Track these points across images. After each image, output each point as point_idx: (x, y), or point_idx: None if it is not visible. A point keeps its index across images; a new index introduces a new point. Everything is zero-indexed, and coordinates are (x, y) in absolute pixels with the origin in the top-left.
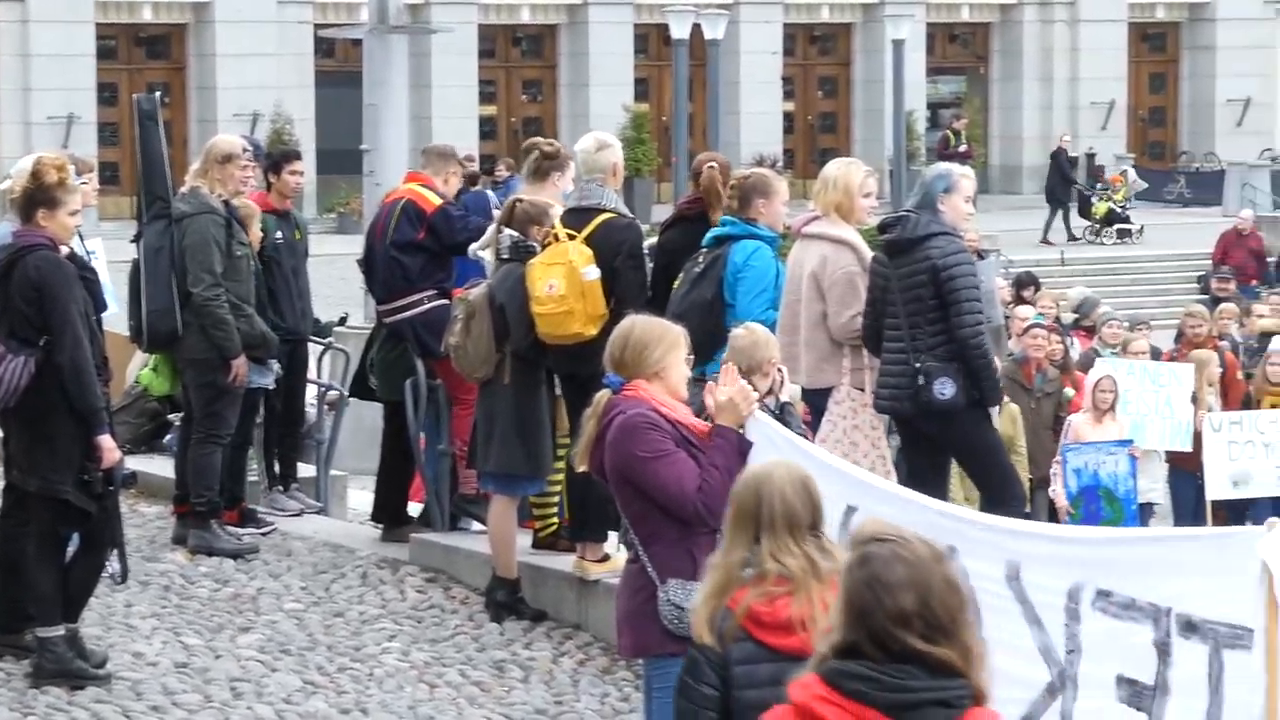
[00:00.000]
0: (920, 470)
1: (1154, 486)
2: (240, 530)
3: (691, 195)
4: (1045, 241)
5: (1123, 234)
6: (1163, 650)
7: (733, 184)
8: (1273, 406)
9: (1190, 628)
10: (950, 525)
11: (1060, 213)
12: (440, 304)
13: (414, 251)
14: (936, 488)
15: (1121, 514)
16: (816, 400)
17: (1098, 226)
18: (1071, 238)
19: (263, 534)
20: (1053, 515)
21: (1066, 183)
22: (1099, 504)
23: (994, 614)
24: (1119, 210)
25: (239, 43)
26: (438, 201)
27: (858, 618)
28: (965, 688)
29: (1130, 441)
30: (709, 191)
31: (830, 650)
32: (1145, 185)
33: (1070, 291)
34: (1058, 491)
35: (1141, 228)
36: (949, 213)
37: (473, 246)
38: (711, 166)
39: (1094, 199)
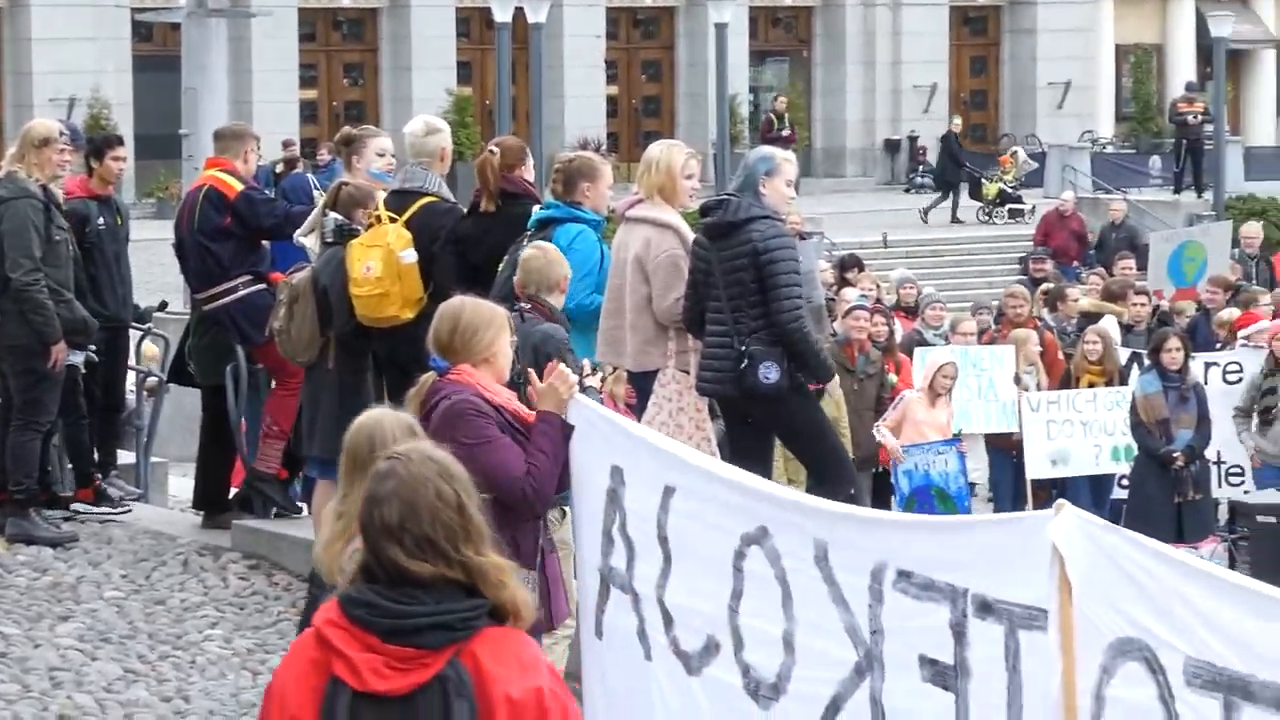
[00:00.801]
0: (745, 452)
1: (975, 467)
2: (96, 509)
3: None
4: (956, 220)
5: (1014, 213)
6: (958, 631)
7: (557, 167)
8: (1091, 386)
9: (986, 609)
10: (763, 507)
11: (951, 195)
12: (257, 289)
13: (222, 239)
14: (761, 470)
15: (955, 511)
16: (642, 383)
17: (989, 207)
18: (955, 220)
19: (118, 513)
20: (878, 496)
21: (957, 165)
22: (932, 503)
23: (804, 594)
24: (1010, 190)
25: (54, 26)
26: (239, 186)
27: (362, 535)
28: (476, 609)
29: (958, 439)
30: (480, 176)
31: (354, 572)
32: (1035, 165)
33: (892, 274)
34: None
35: (1033, 207)
36: (770, 196)
37: (297, 232)
38: (492, 151)
39: (985, 180)
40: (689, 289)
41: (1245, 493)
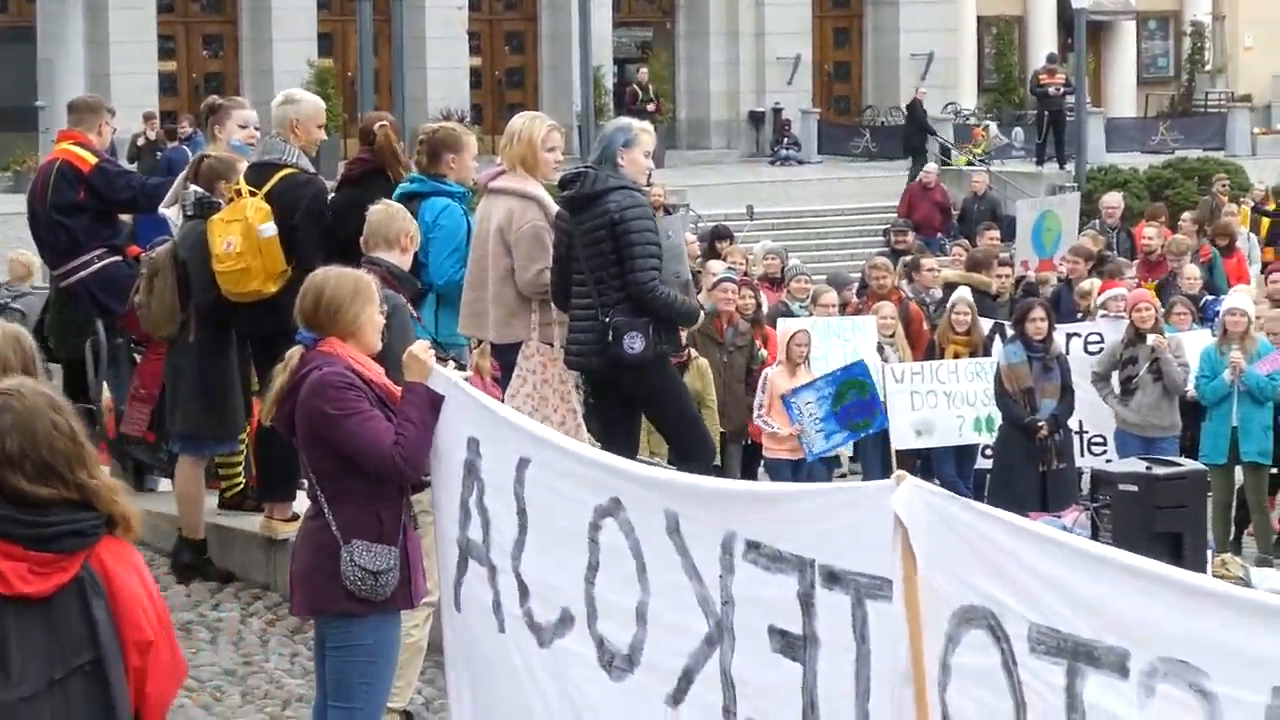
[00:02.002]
0: (611, 424)
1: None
2: None
3: (356, 156)
4: None
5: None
6: (806, 601)
7: (421, 139)
8: (956, 356)
9: (833, 579)
10: (616, 479)
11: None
12: (113, 261)
13: (77, 213)
14: (627, 441)
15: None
16: (506, 355)
17: None
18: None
19: None
20: (747, 469)
21: (924, 134)
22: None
23: (657, 565)
24: (977, 163)
25: None
26: (93, 160)
27: None
28: (98, 519)
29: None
30: (384, 150)
31: None
32: (1004, 140)
33: (757, 246)
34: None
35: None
36: (628, 167)
37: (161, 204)
38: (383, 125)
39: (954, 151)
40: (554, 263)
41: (1107, 461)
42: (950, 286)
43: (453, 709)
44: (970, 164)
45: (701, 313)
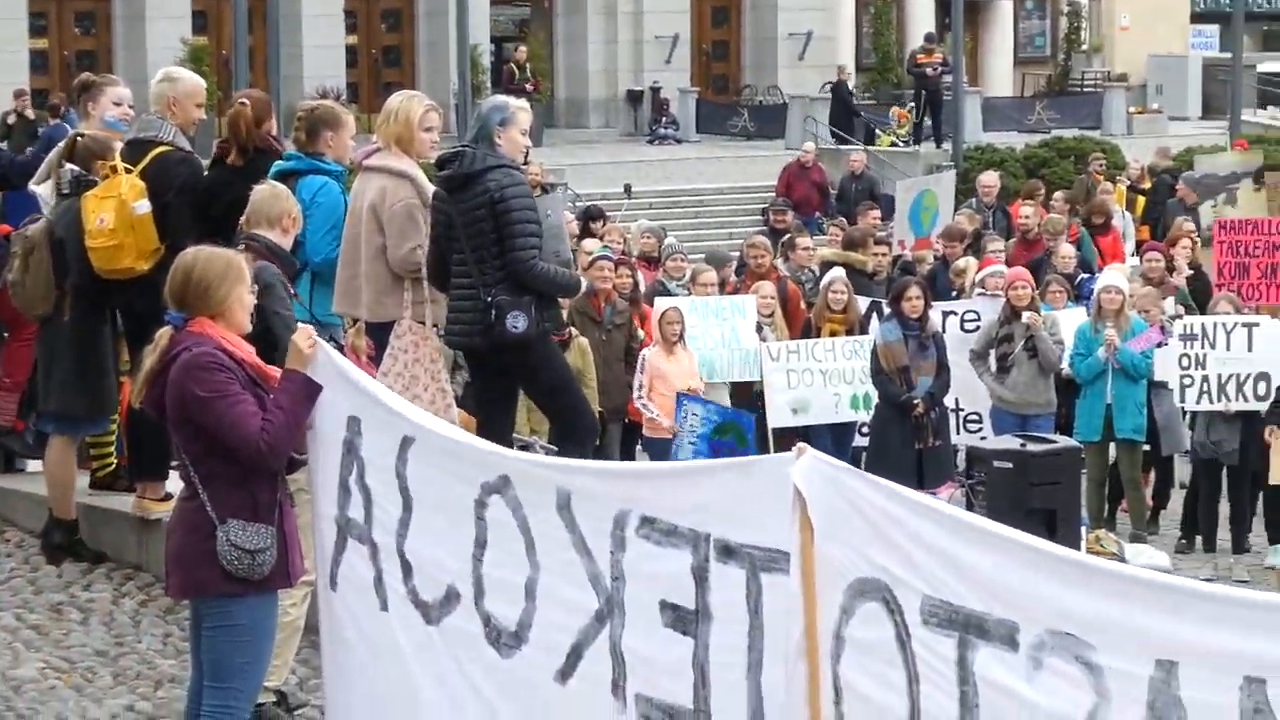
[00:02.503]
0: (490, 405)
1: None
2: None
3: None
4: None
5: None
6: (700, 575)
7: (299, 116)
8: (833, 334)
9: (728, 552)
10: (504, 459)
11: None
12: None
13: None
14: (504, 420)
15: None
16: (379, 334)
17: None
18: None
19: None
20: (626, 448)
21: (849, 114)
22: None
23: (547, 542)
24: (902, 144)
25: None
26: None
27: None
28: None
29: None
30: (232, 129)
31: None
32: (927, 122)
33: (634, 225)
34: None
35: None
36: (506, 146)
37: (32, 180)
38: (243, 103)
39: (879, 131)
40: (432, 243)
41: (982, 439)
42: (827, 265)
43: (327, 688)
44: (894, 145)
45: (583, 283)
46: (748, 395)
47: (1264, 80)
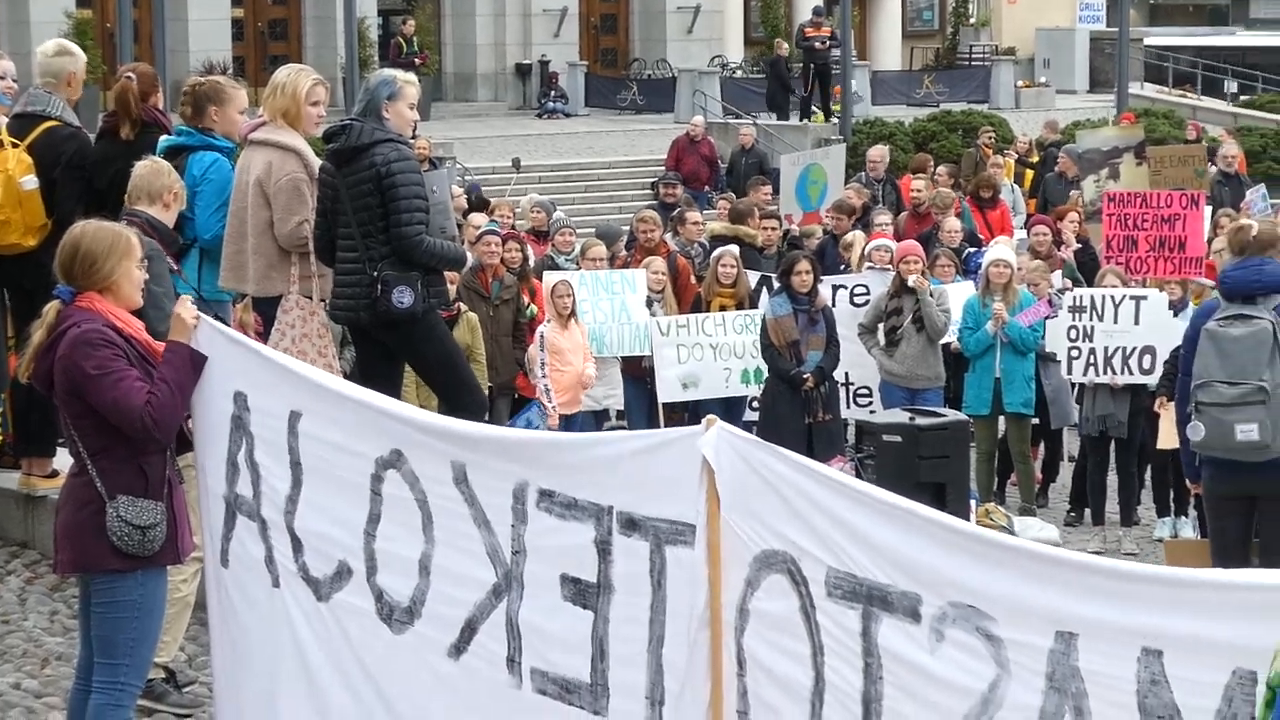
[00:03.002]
0: (376, 381)
1: (612, 393)
2: None
3: (114, 109)
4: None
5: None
6: (603, 549)
7: (186, 91)
8: (722, 309)
9: (631, 525)
10: (399, 430)
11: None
12: None
13: None
14: (390, 395)
15: None
16: (266, 309)
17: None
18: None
19: None
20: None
21: (786, 90)
22: None
23: (444, 516)
24: (836, 119)
25: None
26: None
27: None
28: None
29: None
30: (120, 103)
31: None
32: (861, 100)
33: (524, 199)
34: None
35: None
36: (393, 120)
37: None
38: (129, 78)
39: (815, 107)
40: (319, 216)
41: (871, 412)
42: (717, 239)
43: (216, 666)
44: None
45: (469, 259)
46: (639, 369)
47: (1153, 54)
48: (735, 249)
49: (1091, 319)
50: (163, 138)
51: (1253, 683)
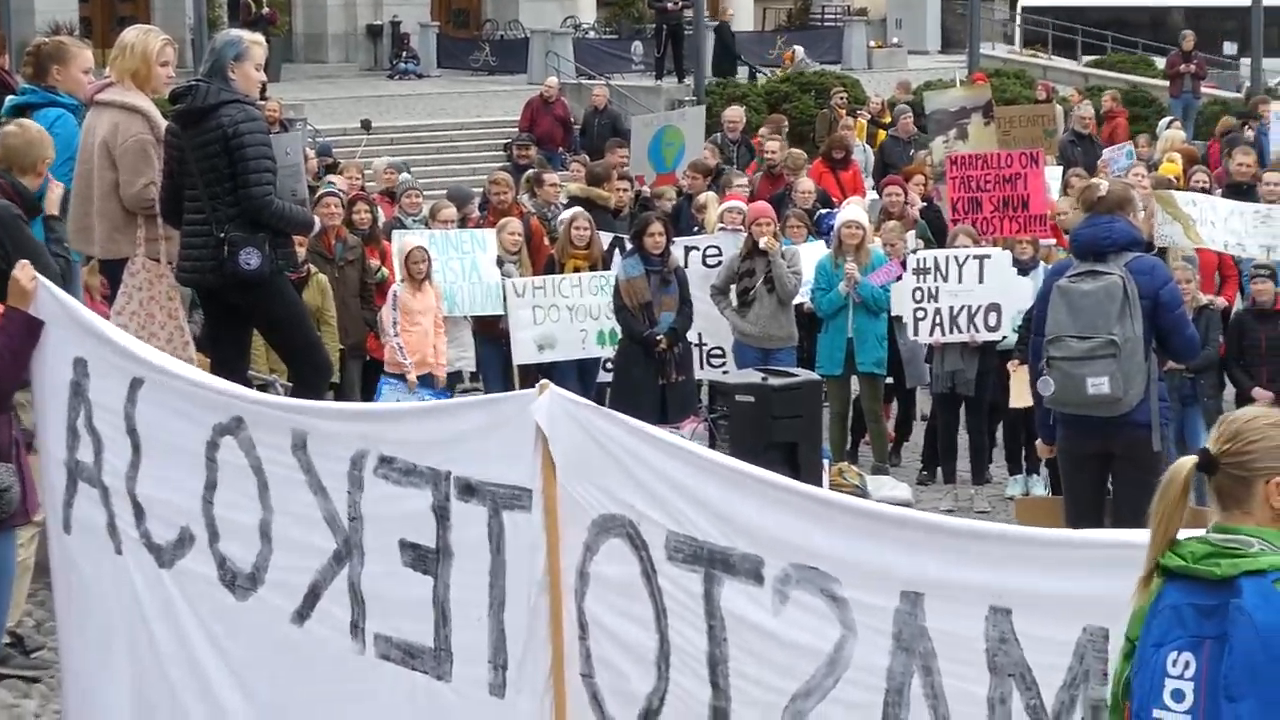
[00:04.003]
0: (222, 343)
1: (464, 355)
2: None
3: None
4: None
5: None
6: (441, 514)
7: (29, 51)
8: (576, 270)
9: (469, 490)
10: (237, 399)
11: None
12: None
13: None
14: (237, 360)
15: None
16: (113, 271)
17: None
18: None
19: None
20: (366, 385)
21: (731, 57)
22: None
23: (282, 484)
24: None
25: None
26: None
27: None
28: None
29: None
30: None
31: None
32: (815, 66)
33: (376, 161)
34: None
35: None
36: (240, 81)
37: None
38: None
39: (760, 75)
40: (165, 178)
41: (725, 373)
42: (572, 201)
43: (61, 632)
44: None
45: (317, 223)
46: (493, 330)
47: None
48: (587, 211)
49: (936, 280)
50: (8, 98)
51: (1104, 639)
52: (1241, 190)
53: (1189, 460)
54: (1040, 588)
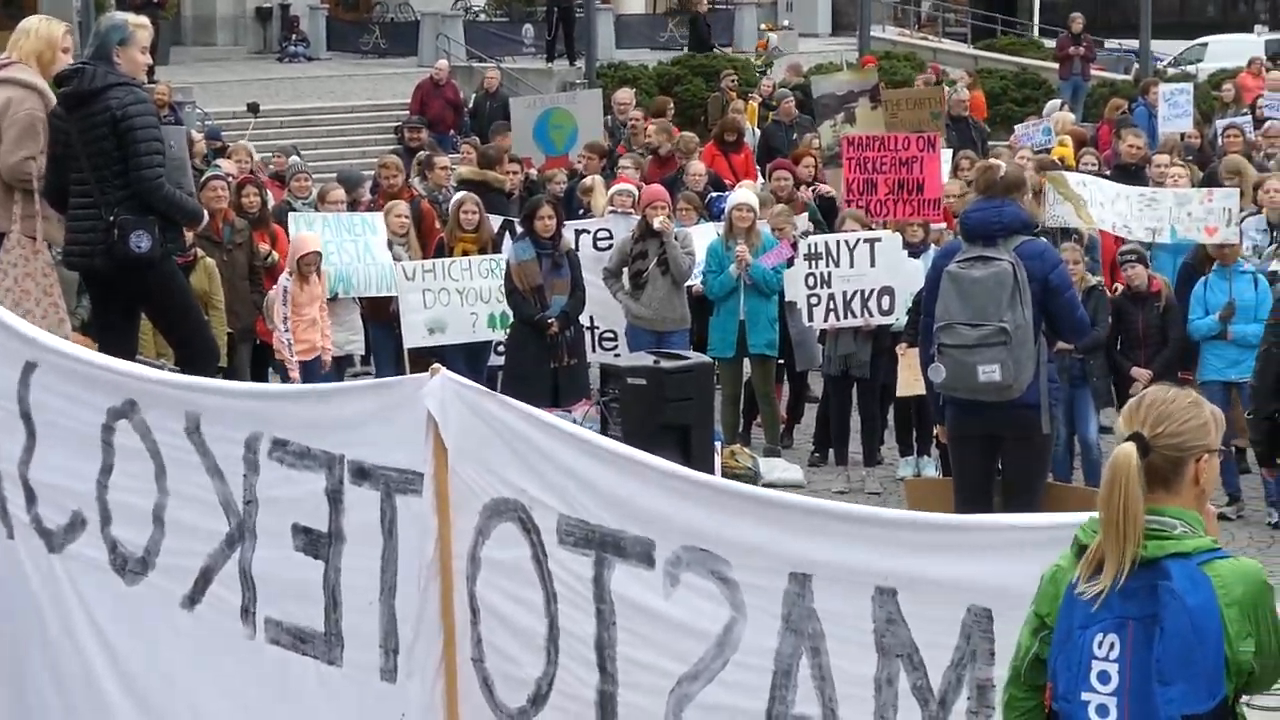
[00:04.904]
0: (110, 328)
1: (353, 338)
2: None
3: None
4: None
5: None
6: (334, 498)
7: None
8: (465, 253)
9: (362, 474)
10: (131, 381)
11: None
12: None
13: None
14: (125, 344)
15: None
16: None
17: None
18: None
19: None
20: (257, 369)
21: (705, 45)
22: None
23: (177, 467)
24: (758, 74)
25: None
26: None
27: None
28: None
29: None
30: None
31: None
32: (784, 54)
33: (249, 145)
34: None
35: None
36: (126, 64)
37: None
38: None
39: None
40: (50, 161)
41: (617, 356)
42: (464, 184)
43: None
44: (761, 73)
45: (205, 215)
46: (383, 313)
47: None
48: (476, 194)
49: (828, 265)
50: None
51: (988, 619)
52: (1130, 172)
53: (1131, 448)
54: (925, 570)
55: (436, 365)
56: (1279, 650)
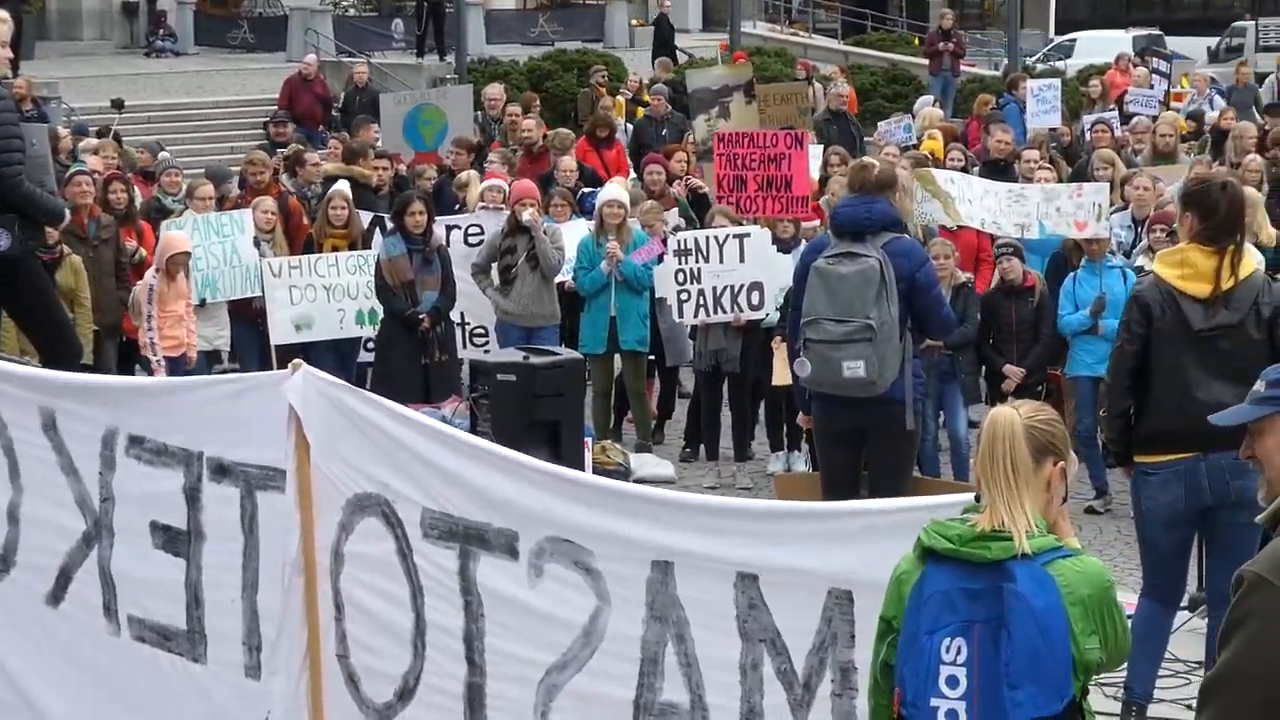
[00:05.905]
0: None
1: (221, 334)
2: None
3: None
4: None
5: None
6: (193, 495)
7: None
8: (335, 249)
9: (222, 471)
10: None
11: None
12: None
13: None
14: None
15: None
16: None
17: None
18: None
19: None
20: (124, 365)
21: (670, 50)
22: None
23: (32, 464)
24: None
25: None
26: None
27: None
28: None
29: None
30: None
31: None
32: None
33: (130, 140)
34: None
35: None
36: None
37: None
38: None
39: (696, 58)
40: None
41: (487, 352)
42: (331, 179)
43: None
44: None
45: (67, 215)
46: (247, 310)
47: None
48: (346, 188)
49: (698, 260)
50: None
51: (849, 602)
52: (999, 167)
53: (1011, 410)
54: (786, 557)
55: (298, 360)
56: (1122, 636)
